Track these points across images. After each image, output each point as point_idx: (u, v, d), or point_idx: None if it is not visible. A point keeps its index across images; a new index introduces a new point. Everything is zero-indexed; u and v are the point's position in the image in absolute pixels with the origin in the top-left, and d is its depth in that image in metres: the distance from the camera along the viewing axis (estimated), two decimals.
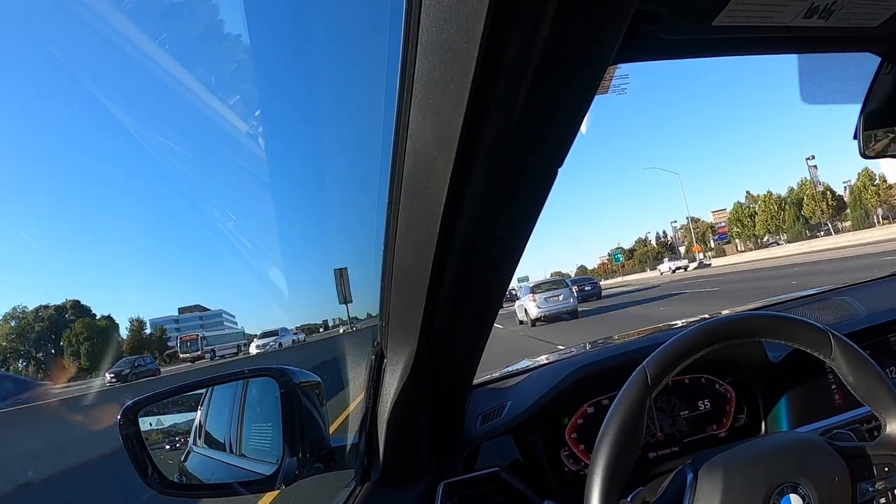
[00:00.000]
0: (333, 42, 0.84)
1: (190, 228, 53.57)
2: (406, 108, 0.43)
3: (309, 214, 1.28)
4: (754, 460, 0.57)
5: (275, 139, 1.13)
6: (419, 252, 0.54)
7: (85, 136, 62.51)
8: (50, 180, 74.87)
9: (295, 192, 1.29)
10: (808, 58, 0.88)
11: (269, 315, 28.29)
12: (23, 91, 52.57)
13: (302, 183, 1.24)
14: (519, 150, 0.44)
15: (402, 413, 0.72)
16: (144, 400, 0.75)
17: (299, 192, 1.30)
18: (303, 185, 1.24)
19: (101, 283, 68.39)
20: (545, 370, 1.03)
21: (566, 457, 0.91)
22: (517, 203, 0.50)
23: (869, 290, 1.25)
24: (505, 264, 0.59)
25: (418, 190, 0.49)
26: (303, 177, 1.22)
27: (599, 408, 0.92)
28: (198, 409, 1.06)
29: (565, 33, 0.35)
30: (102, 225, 77.41)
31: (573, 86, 0.40)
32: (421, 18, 0.37)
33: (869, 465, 0.57)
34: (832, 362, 0.60)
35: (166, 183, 47.90)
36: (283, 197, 1.15)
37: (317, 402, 0.77)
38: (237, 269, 15.05)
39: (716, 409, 0.95)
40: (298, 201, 1.30)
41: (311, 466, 0.74)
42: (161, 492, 0.73)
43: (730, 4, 0.56)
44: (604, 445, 0.55)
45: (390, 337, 0.68)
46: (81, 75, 5.73)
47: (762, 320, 0.62)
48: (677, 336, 0.60)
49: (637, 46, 0.62)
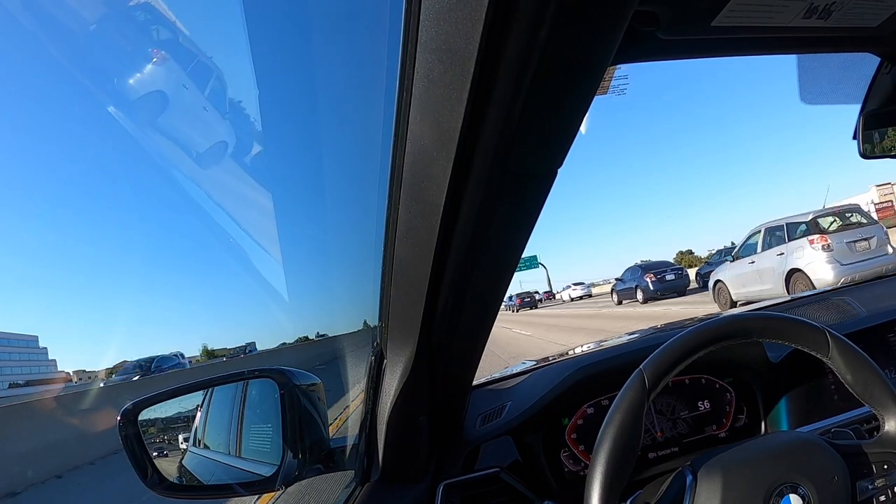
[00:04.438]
0: (333, 42, 0.84)
1: (189, 228, 53.58)
2: (406, 107, 0.43)
3: (308, 214, 1.28)
4: (753, 461, 0.57)
5: (273, 139, 1.13)
6: (419, 252, 0.54)
7: (84, 137, 62.59)
8: (46, 181, 74.77)
9: (294, 191, 1.29)
10: (807, 58, 0.88)
11: (269, 315, 28.13)
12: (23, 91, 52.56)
13: (301, 183, 1.24)
14: (519, 150, 0.43)
15: (402, 414, 0.72)
16: (144, 401, 0.75)
17: (298, 192, 1.30)
18: (302, 185, 1.24)
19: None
20: (545, 371, 1.03)
21: (566, 457, 0.91)
22: (517, 203, 0.50)
23: (869, 290, 1.25)
24: (505, 264, 0.59)
25: (418, 190, 0.49)
26: (302, 177, 1.22)
27: (599, 408, 0.92)
28: (198, 410, 1.06)
29: (565, 33, 0.35)
30: (102, 225, 77.34)
31: (573, 86, 0.40)
32: (421, 18, 0.36)
33: (868, 463, 0.57)
34: (830, 361, 0.60)
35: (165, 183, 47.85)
36: (281, 196, 1.15)
37: (317, 402, 0.77)
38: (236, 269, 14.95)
39: (716, 409, 0.95)
40: (297, 201, 1.29)
41: (310, 467, 0.74)
42: (161, 493, 0.72)
43: (729, 5, 0.56)
44: (602, 450, 0.55)
45: (390, 337, 0.68)
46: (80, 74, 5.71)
47: (759, 321, 0.62)
48: (674, 338, 0.60)
49: (637, 47, 0.62)
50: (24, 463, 5.31)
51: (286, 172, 1.20)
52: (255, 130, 1.15)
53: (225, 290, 52.69)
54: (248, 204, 1.16)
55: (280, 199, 1.14)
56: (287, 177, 1.22)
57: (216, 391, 1.01)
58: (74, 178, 77.52)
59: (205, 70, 1.12)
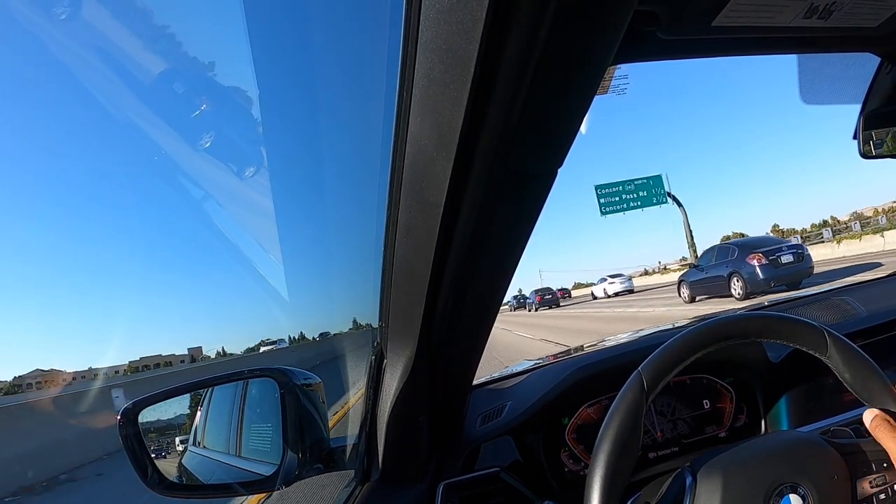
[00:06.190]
0: (333, 42, 0.84)
1: (190, 228, 53.61)
2: (406, 107, 0.43)
3: (308, 214, 1.28)
4: (753, 461, 0.56)
5: (273, 139, 1.13)
6: (419, 252, 0.54)
7: (82, 137, 62.55)
8: (46, 182, 74.74)
9: (294, 192, 1.29)
10: (807, 58, 0.88)
11: (269, 315, 28.18)
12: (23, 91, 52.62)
13: (301, 183, 1.24)
14: (519, 150, 0.43)
15: (402, 413, 0.72)
16: (144, 400, 0.75)
17: (298, 192, 1.30)
18: (302, 184, 1.24)
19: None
20: (545, 371, 1.03)
21: (566, 457, 0.91)
22: (517, 203, 0.50)
23: (869, 290, 1.25)
24: (505, 265, 0.59)
25: (418, 190, 0.49)
26: (302, 177, 1.22)
27: (599, 408, 0.92)
28: (198, 409, 1.06)
29: (565, 33, 0.35)
30: (103, 226, 77.35)
31: (573, 86, 0.40)
32: (421, 18, 0.36)
33: (867, 461, 0.57)
34: (828, 360, 0.60)
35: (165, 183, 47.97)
36: (281, 197, 1.15)
37: (317, 402, 0.77)
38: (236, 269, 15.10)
39: (716, 409, 0.95)
40: (297, 201, 1.29)
41: (311, 467, 0.74)
42: (161, 492, 0.72)
43: (729, 4, 0.56)
44: (602, 451, 0.55)
45: (390, 337, 0.68)
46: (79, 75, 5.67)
47: (757, 321, 0.62)
48: (672, 340, 0.60)
49: (637, 46, 0.62)
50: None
51: (286, 172, 1.20)
52: (255, 130, 1.15)
53: (225, 290, 52.60)
54: (248, 203, 1.16)
55: (280, 199, 1.14)
56: (287, 177, 1.22)
57: (216, 391, 1.01)
58: (75, 179, 77.52)
59: (204, 70, 1.12)
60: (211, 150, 1.09)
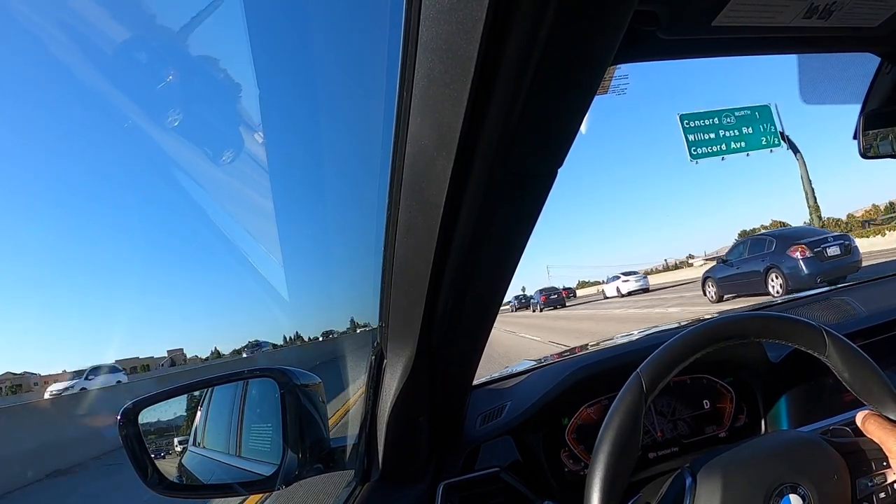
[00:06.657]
0: (333, 42, 0.84)
1: (190, 228, 53.58)
2: (406, 107, 0.43)
3: (308, 214, 1.28)
4: (753, 461, 0.56)
5: (274, 139, 1.13)
6: (419, 252, 0.54)
7: (82, 137, 62.48)
8: (46, 182, 74.75)
9: (294, 192, 1.29)
10: (807, 58, 0.88)
11: (269, 315, 28.21)
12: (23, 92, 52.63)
13: (302, 183, 1.24)
14: (519, 150, 0.43)
15: (402, 413, 0.72)
16: (144, 400, 0.75)
17: (298, 193, 1.30)
18: (302, 184, 1.24)
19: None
20: (545, 371, 1.03)
21: (566, 457, 0.91)
22: (517, 203, 0.50)
23: (869, 290, 1.25)
24: (505, 265, 0.59)
25: (418, 190, 0.49)
26: (302, 177, 1.22)
27: (599, 408, 0.92)
28: (198, 409, 1.06)
29: (565, 33, 0.35)
30: (103, 226, 77.37)
31: (573, 86, 0.40)
32: (421, 18, 0.36)
33: (867, 460, 0.57)
34: (827, 360, 0.60)
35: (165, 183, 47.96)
36: (281, 197, 1.15)
37: (317, 402, 0.77)
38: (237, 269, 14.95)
39: (716, 409, 0.95)
40: (297, 201, 1.29)
41: (311, 467, 0.74)
42: (161, 492, 0.72)
43: (729, 4, 0.56)
44: (602, 453, 0.55)
45: (390, 337, 0.68)
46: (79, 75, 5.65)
47: (756, 321, 0.62)
48: (671, 340, 0.60)
49: (637, 46, 0.62)
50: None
51: (286, 172, 1.20)
52: (255, 130, 1.15)
53: (225, 289, 52.52)
54: (248, 203, 1.16)
55: (280, 199, 1.14)
56: (287, 177, 1.22)
57: (216, 391, 1.01)
58: (75, 180, 77.53)
59: (204, 70, 1.12)
60: (211, 150, 1.09)
